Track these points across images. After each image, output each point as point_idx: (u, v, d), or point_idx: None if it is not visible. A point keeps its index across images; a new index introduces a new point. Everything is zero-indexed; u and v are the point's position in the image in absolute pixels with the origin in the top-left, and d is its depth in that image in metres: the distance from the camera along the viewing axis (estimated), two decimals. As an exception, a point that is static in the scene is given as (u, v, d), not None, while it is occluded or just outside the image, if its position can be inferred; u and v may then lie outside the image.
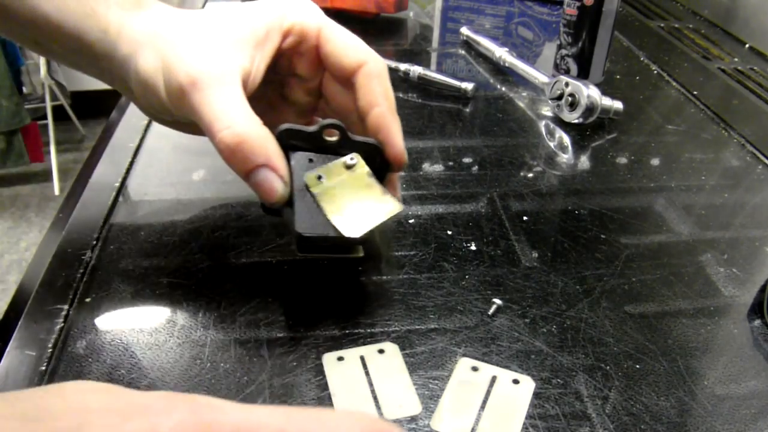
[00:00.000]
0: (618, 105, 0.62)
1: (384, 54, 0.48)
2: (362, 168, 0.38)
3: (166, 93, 0.36)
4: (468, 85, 0.66)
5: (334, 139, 0.38)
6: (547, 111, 0.65)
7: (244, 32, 0.36)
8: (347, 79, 0.39)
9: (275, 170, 0.35)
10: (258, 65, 0.37)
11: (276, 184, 0.35)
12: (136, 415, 0.22)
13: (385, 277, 0.43)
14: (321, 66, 0.41)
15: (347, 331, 0.38)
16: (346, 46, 0.39)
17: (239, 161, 0.34)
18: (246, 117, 0.34)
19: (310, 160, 0.37)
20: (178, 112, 0.37)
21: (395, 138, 0.38)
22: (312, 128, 0.37)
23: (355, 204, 0.36)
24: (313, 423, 0.23)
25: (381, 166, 0.39)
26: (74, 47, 0.38)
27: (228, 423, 0.22)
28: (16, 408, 0.22)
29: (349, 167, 0.37)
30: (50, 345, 0.36)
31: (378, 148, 0.38)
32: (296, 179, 0.36)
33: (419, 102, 0.66)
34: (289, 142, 0.37)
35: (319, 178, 0.37)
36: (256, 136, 0.34)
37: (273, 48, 0.38)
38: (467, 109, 0.65)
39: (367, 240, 0.37)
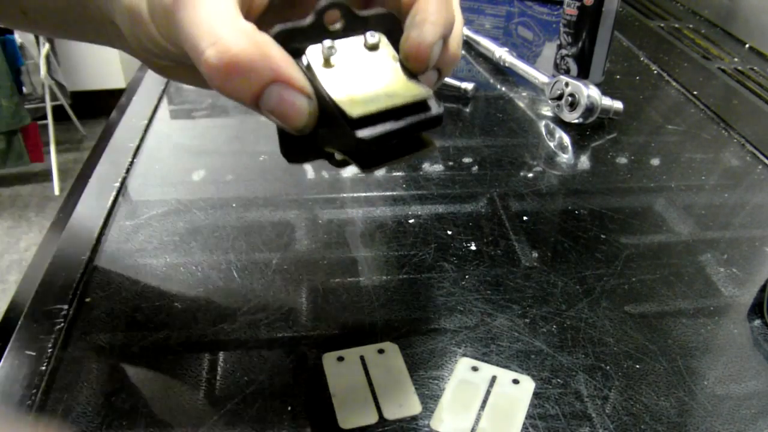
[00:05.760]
0: (618, 105, 0.62)
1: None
2: (386, 48, 0.29)
3: (150, 18, 0.29)
4: (468, 85, 0.66)
5: (338, 25, 0.29)
6: (547, 111, 0.65)
7: None
8: None
9: (290, 82, 0.25)
10: None
11: (298, 101, 0.26)
12: None
13: (385, 277, 0.43)
14: None
15: (347, 331, 0.38)
16: None
17: (238, 86, 0.25)
18: (235, 27, 0.25)
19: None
20: (168, 43, 0.29)
21: (426, 13, 0.27)
22: (308, 19, 0.28)
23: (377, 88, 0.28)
24: None
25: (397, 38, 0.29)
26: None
27: None
28: None
29: (371, 48, 0.29)
30: (50, 345, 0.36)
31: (396, 19, 0.29)
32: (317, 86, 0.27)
33: (419, 102, 0.66)
34: (290, 48, 0.27)
35: (332, 65, 0.28)
36: (253, 47, 0.25)
37: None
38: (467, 109, 0.65)
39: (440, 118, 0.29)
